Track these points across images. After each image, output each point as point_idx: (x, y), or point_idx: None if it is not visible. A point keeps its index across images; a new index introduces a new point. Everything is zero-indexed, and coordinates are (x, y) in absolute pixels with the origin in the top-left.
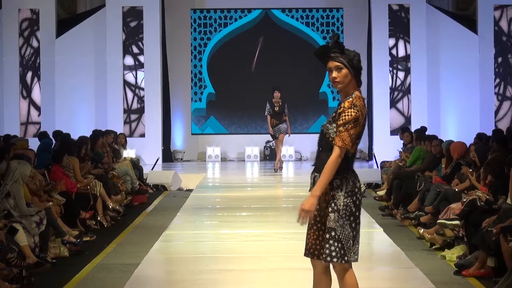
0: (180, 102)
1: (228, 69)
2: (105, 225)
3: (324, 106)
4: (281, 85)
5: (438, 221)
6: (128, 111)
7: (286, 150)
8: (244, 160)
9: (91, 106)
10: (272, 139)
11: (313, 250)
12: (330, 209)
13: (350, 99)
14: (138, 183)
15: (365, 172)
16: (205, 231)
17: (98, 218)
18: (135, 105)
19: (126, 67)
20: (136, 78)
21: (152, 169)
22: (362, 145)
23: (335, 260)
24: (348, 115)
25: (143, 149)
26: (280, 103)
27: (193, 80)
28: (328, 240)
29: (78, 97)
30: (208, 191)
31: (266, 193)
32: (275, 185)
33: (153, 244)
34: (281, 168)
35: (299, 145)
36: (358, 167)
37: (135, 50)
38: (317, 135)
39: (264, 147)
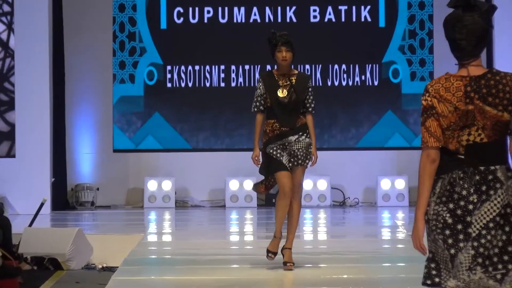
0: (88, 85)
1: (192, 14)
2: None
3: (394, 94)
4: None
5: None
6: None
7: (312, 186)
8: (224, 206)
9: None
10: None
11: None
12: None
13: None
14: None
15: None
16: None
17: None
18: None
19: None
20: None
21: (30, 224)
22: None
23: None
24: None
25: (12, 184)
26: (293, 83)
27: (116, 39)
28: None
29: None
30: (146, 273)
31: (268, 277)
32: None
33: None
34: (290, 265)
35: (338, 173)
36: None
37: None
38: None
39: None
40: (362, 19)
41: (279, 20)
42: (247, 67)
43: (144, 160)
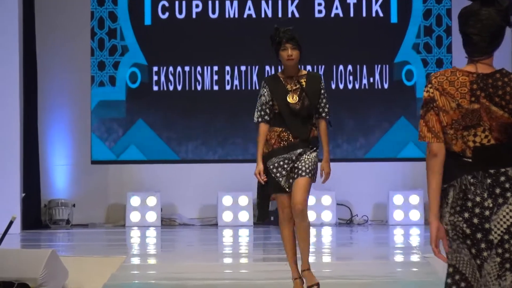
0: (63, 89)
1: (179, 9)
2: None
3: (407, 98)
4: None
5: None
6: None
7: (315, 201)
8: (216, 225)
9: None
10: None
11: None
12: None
13: None
14: None
15: None
16: None
17: None
18: None
19: None
20: None
21: None
22: None
23: None
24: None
25: None
26: (304, 86)
27: (95, 37)
28: None
29: None
30: None
31: None
32: None
33: None
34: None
35: (345, 188)
36: None
37: None
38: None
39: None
40: (373, 14)
41: (279, 14)
42: (243, 68)
43: (126, 172)
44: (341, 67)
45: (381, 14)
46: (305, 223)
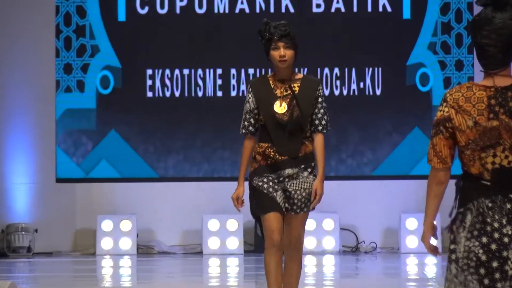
0: (24, 95)
1: (160, 3)
2: None
3: (422, 106)
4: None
5: None
6: None
7: (316, 226)
8: (200, 253)
9: None
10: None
11: None
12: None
13: None
14: None
15: None
16: None
17: None
18: None
19: None
20: None
21: None
22: None
23: None
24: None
25: None
26: (296, 92)
27: (60, 35)
28: None
29: None
30: None
31: None
32: None
33: None
34: None
35: (349, 210)
36: None
37: None
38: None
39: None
40: (380, 9)
41: (272, 10)
42: (233, 71)
43: (96, 192)
44: (346, 70)
45: (390, 9)
46: (299, 263)
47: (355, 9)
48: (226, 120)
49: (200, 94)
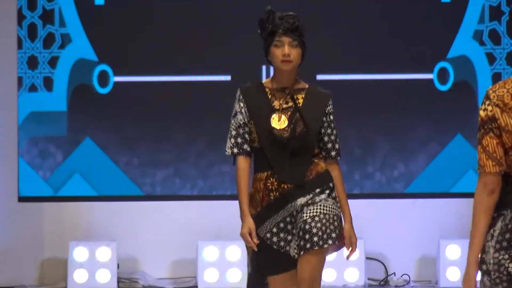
0: None
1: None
2: None
3: (466, 107)
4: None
5: None
6: None
7: (337, 255)
8: (195, 287)
9: None
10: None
11: None
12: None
13: None
14: None
15: None
16: None
17: None
18: None
19: None
20: None
21: None
22: None
23: None
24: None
25: None
26: (299, 104)
27: (23, 21)
28: None
29: None
30: None
31: None
32: None
33: None
34: None
35: (377, 235)
36: None
37: None
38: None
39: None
40: None
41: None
42: (232, 70)
43: (68, 213)
44: (368, 65)
45: None
46: None
47: None
48: (225, 128)
49: (191, 94)
